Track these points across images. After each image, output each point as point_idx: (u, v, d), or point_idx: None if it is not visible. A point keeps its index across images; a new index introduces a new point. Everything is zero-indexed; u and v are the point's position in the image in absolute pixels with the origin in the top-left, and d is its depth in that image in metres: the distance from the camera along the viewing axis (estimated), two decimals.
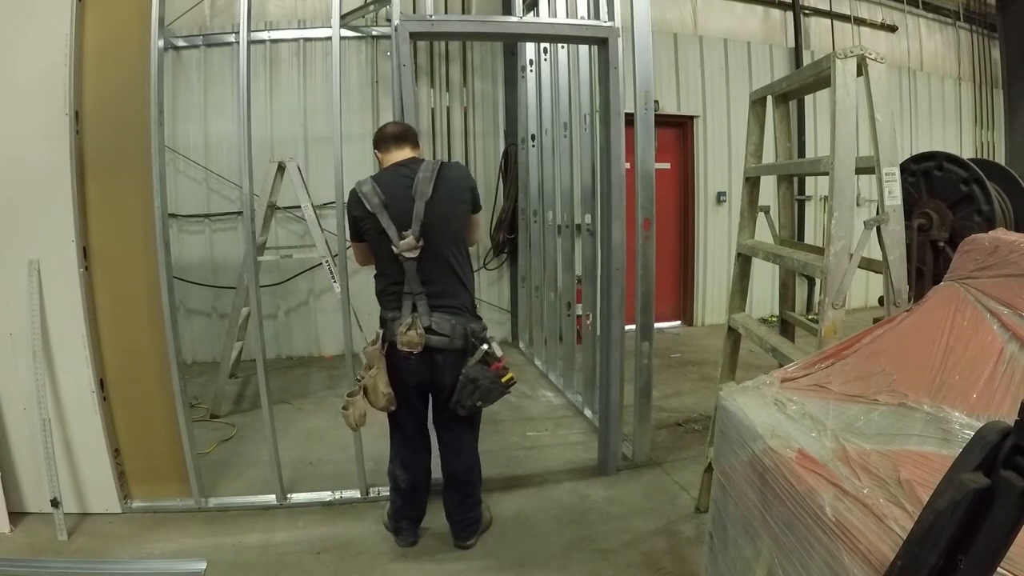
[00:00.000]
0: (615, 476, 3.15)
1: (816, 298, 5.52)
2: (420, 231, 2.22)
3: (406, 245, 2.22)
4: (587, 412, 3.96)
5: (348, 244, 2.57)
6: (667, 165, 6.42)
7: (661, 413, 3.91)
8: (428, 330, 2.26)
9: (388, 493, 2.94)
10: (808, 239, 6.16)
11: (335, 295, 3.67)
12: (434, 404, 2.44)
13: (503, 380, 2.31)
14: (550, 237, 4.69)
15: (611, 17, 3.04)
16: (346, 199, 2.78)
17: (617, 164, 3.04)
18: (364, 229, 2.31)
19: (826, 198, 2.16)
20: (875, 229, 2.04)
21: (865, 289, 5.76)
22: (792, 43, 6.82)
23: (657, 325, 3.60)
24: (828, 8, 7.05)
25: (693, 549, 2.47)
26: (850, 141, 2.01)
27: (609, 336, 3.17)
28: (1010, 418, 0.74)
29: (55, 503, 2.56)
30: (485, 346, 2.30)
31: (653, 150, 3.12)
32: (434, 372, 2.31)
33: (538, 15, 4.45)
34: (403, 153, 2.37)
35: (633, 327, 3.22)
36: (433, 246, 2.26)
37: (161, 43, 2.56)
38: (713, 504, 1.71)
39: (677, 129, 6.49)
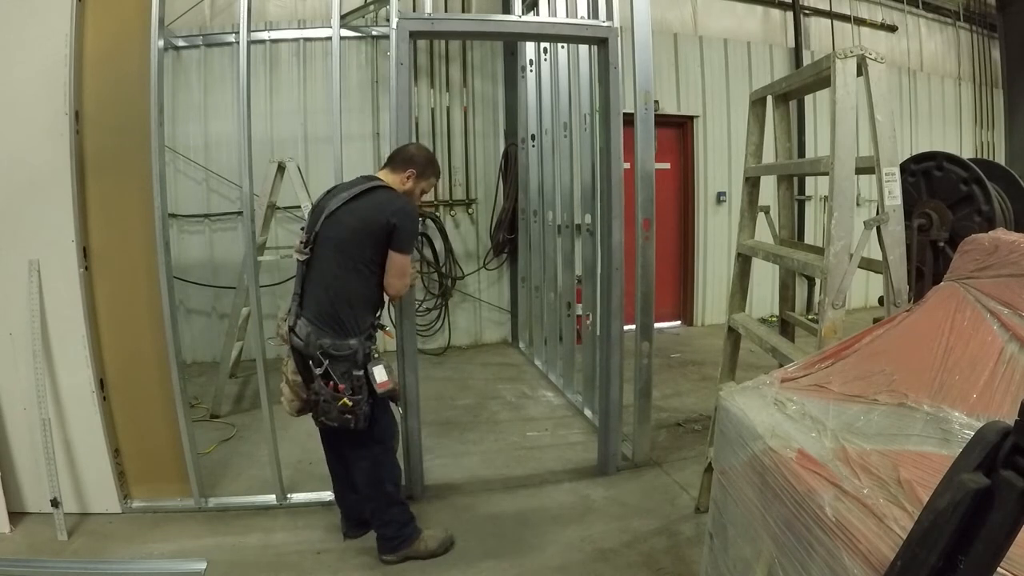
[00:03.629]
0: (615, 476, 3.15)
1: (816, 298, 5.51)
2: (311, 240, 2.30)
3: (296, 246, 2.35)
4: (587, 412, 3.96)
5: None
6: (667, 165, 6.42)
7: (661, 413, 3.91)
8: (292, 330, 2.32)
9: None
10: (808, 239, 6.16)
11: None
12: None
13: (338, 404, 2.22)
14: (550, 237, 4.69)
15: (611, 17, 3.04)
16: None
17: (617, 164, 3.04)
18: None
19: (826, 198, 2.16)
20: (875, 229, 2.04)
21: (865, 289, 5.75)
22: (792, 43, 6.82)
23: (657, 325, 3.60)
24: (828, 8, 7.06)
25: (693, 549, 2.47)
26: (850, 141, 2.01)
27: (609, 336, 3.17)
28: (1010, 418, 0.74)
29: (55, 503, 2.56)
30: (326, 363, 2.22)
31: (653, 150, 3.12)
32: (304, 373, 2.34)
33: (538, 15, 4.45)
34: (381, 171, 2.45)
35: (633, 327, 3.22)
36: (320, 259, 2.29)
37: (161, 43, 2.56)
38: (713, 504, 1.70)
39: (677, 129, 6.49)
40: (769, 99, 2.74)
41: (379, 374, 2.29)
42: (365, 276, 2.29)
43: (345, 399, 2.21)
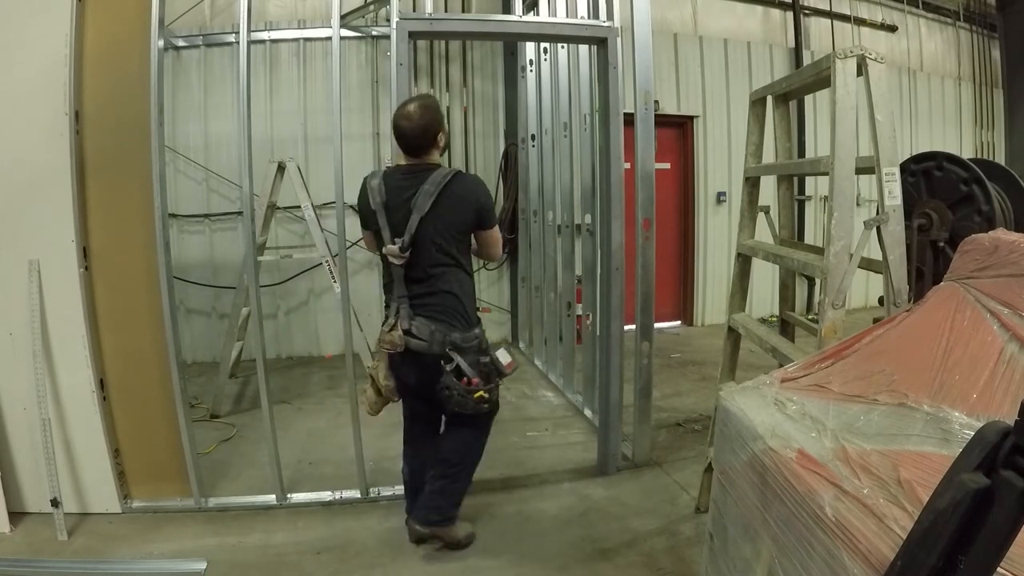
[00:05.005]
0: (615, 476, 3.15)
1: (816, 298, 5.51)
2: (409, 243, 2.23)
3: (391, 251, 2.25)
4: (587, 412, 3.96)
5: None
6: (667, 165, 6.42)
7: (661, 413, 3.91)
8: (408, 333, 2.28)
9: (388, 492, 2.97)
10: (808, 239, 6.16)
11: (335, 295, 3.67)
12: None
13: (474, 396, 2.27)
14: (550, 237, 4.69)
15: (610, 17, 3.04)
16: (346, 199, 2.79)
17: (617, 164, 3.04)
18: (368, 221, 2.36)
19: (826, 198, 2.16)
20: (875, 229, 2.04)
21: (865, 289, 5.75)
22: (792, 43, 6.82)
23: (657, 325, 3.60)
24: (828, 8, 7.06)
25: (693, 549, 2.47)
26: (850, 141, 2.01)
27: (609, 336, 3.18)
28: (1010, 418, 0.74)
29: (55, 503, 2.56)
30: (457, 360, 2.26)
31: (653, 150, 3.12)
32: (420, 373, 2.34)
33: (538, 15, 4.45)
34: (417, 158, 2.32)
35: (633, 327, 3.22)
36: (423, 257, 2.27)
37: (161, 43, 2.56)
38: (713, 504, 1.71)
39: (677, 129, 6.49)
40: (769, 99, 2.73)
41: (503, 356, 2.37)
42: (466, 264, 2.37)
43: (481, 392, 2.28)
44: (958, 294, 1.62)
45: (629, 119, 3.09)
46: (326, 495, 2.92)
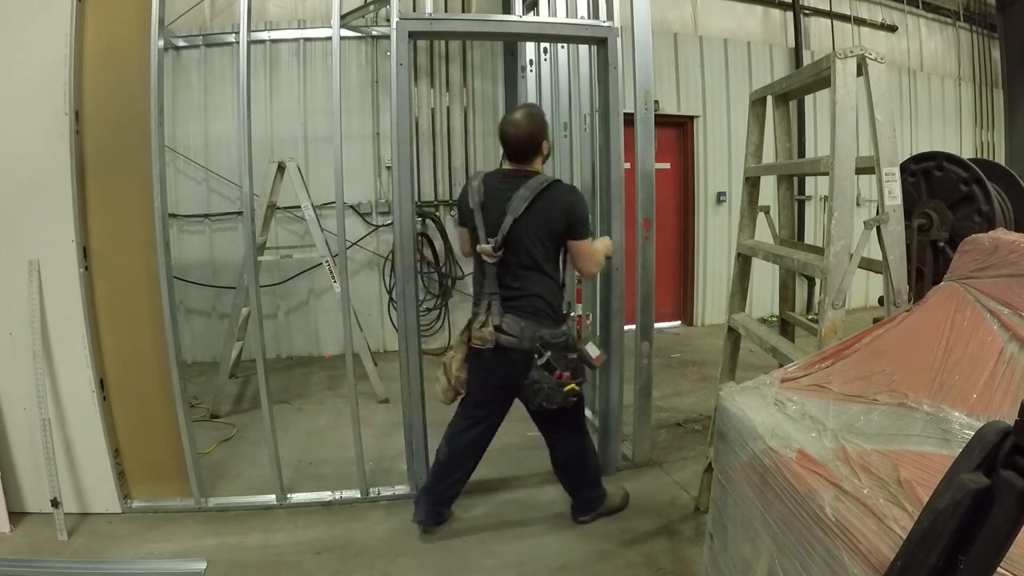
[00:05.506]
0: (615, 476, 3.15)
1: (816, 298, 5.51)
2: (501, 243, 2.36)
3: (485, 250, 2.38)
4: (587, 412, 3.95)
5: None
6: (667, 165, 6.42)
7: (661, 413, 3.91)
8: (498, 329, 2.39)
9: (388, 493, 2.97)
10: (808, 239, 6.15)
11: (335, 295, 3.68)
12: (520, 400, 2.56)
13: (565, 389, 2.37)
14: None
15: (610, 17, 3.04)
16: (346, 199, 2.80)
17: (617, 164, 3.04)
18: (465, 219, 2.51)
19: (826, 198, 2.16)
20: (875, 229, 2.04)
21: (865, 289, 5.75)
22: (792, 43, 6.82)
23: (657, 325, 3.59)
24: (828, 8, 7.05)
25: (693, 549, 2.47)
26: (850, 141, 2.01)
27: (609, 336, 3.17)
28: (1010, 418, 0.74)
29: (55, 503, 2.56)
30: (548, 354, 2.37)
31: (653, 150, 3.12)
32: (508, 369, 2.44)
33: (538, 15, 4.45)
34: (519, 164, 2.46)
35: (633, 327, 3.22)
36: (514, 258, 2.39)
37: (161, 43, 2.55)
38: (713, 504, 1.71)
39: (677, 129, 6.49)
40: (769, 99, 2.73)
41: (592, 350, 2.47)
42: (550, 270, 2.46)
43: (573, 384, 2.39)
44: (958, 294, 1.62)
45: (629, 119, 3.08)
46: (326, 495, 2.92)
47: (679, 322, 6.71)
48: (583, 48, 3.90)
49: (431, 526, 2.63)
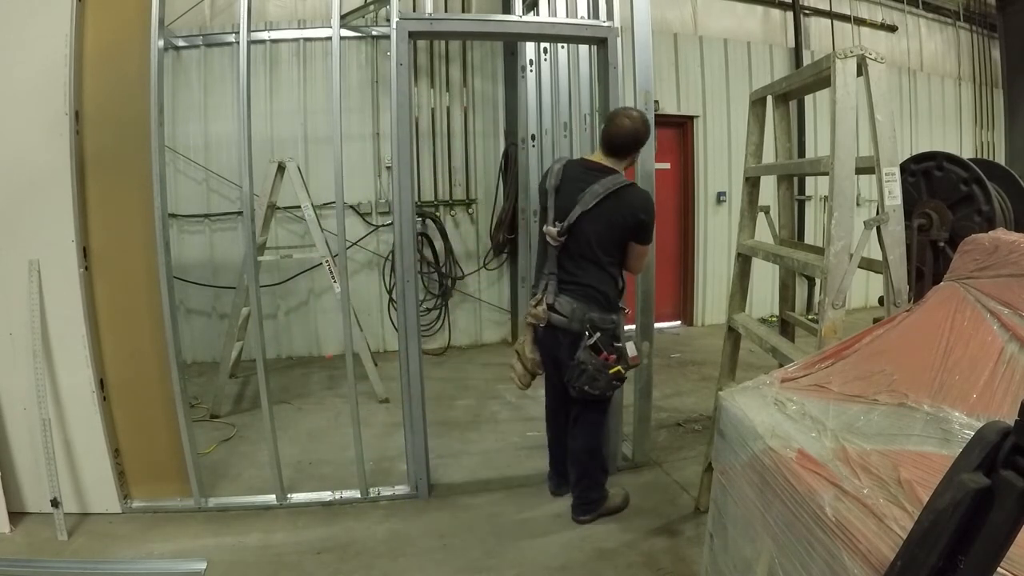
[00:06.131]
0: (615, 476, 3.15)
1: (816, 298, 5.51)
2: (566, 230, 2.45)
3: (550, 232, 2.49)
4: None
5: None
6: (667, 165, 6.41)
7: (661, 413, 3.91)
8: (551, 308, 2.50)
9: (388, 493, 2.97)
10: (808, 239, 6.15)
11: (335, 295, 3.68)
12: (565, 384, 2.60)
13: (611, 371, 2.43)
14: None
15: (610, 17, 3.04)
16: (346, 199, 2.81)
17: None
18: (542, 197, 2.62)
19: (826, 198, 2.16)
20: (875, 229, 2.04)
21: (865, 289, 5.75)
22: (792, 43, 6.82)
23: (657, 325, 3.60)
24: (828, 8, 7.05)
25: (693, 549, 2.47)
26: (850, 141, 2.01)
27: None
28: (1010, 418, 0.74)
29: (55, 503, 2.56)
30: (597, 334, 2.43)
31: (653, 150, 3.11)
32: (556, 348, 2.55)
33: (538, 15, 4.45)
34: (603, 159, 2.53)
35: (633, 327, 3.22)
36: (576, 247, 2.48)
37: (161, 43, 2.55)
38: (713, 504, 1.71)
39: (677, 129, 6.49)
40: (769, 99, 2.73)
41: (631, 349, 2.52)
42: (617, 262, 2.55)
43: (619, 368, 2.45)
44: (958, 294, 1.62)
45: None
46: (326, 495, 2.92)
47: (679, 322, 6.71)
48: (583, 48, 3.91)
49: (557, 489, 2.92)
